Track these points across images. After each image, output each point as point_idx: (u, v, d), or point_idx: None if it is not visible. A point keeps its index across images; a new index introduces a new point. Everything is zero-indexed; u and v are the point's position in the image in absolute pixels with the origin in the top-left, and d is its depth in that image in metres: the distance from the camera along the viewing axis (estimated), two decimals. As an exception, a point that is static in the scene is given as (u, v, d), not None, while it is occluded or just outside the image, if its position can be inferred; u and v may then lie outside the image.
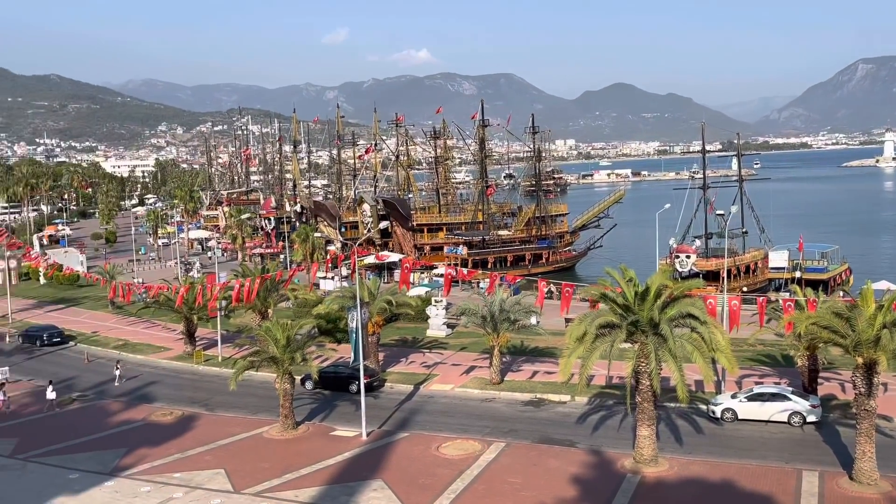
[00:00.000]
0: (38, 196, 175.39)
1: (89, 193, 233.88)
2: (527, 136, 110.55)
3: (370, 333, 47.15)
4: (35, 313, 75.90)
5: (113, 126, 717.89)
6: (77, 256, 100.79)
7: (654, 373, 30.68)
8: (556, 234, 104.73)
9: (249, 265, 76.00)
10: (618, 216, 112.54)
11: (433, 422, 39.10)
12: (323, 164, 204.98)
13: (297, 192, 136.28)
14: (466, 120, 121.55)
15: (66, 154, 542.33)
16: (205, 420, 40.80)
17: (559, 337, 49.70)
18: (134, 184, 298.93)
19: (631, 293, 32.05)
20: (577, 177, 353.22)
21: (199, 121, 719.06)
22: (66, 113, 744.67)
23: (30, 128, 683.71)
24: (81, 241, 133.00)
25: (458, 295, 71.78)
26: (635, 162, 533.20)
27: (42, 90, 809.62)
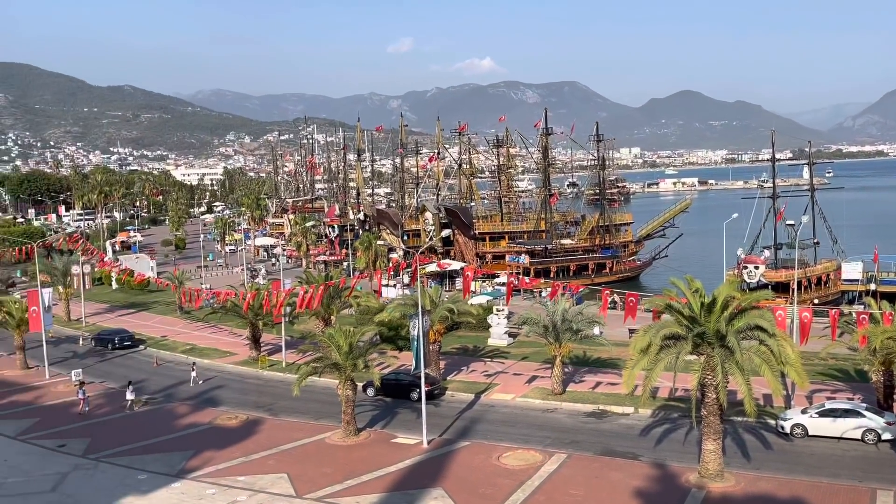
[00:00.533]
0: (111, 203, 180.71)
1: (160, 201, 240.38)
2: (591, 144, 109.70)
3: (431, 341, 47.20)
4: (107, 317, 78.23)
5: (183, 135, 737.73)
6: (148, 262, 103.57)
7: (720, 386, 29.94)
8: (620, 244, 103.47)
9: (313, 272, 77.10)
10: (684, 226, 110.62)
11: (494, 431, 38.93)
12: (386, 173, 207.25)
13: (361, 201, 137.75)
14: (529, 128, 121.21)
15: (138, 162, 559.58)
16: (269, 424, 41.39)
17: (623, 348, 48.99)
18: (203, 192, 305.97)
19: (697, 304, 31.41)
20: (641, 186, 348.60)
21: (266, 130, 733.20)
22: (138, 123, 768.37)
23: (104, 137, 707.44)
24: (152, 247, 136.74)
25: (519, 304, 71.57)
26: (702, 171, 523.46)
27: (116, 101, 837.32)
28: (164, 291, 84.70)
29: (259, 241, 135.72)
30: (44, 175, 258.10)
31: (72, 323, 75.05)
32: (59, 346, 64.54)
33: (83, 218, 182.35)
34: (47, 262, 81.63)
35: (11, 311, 56.52)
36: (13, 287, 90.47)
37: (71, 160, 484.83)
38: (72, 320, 75.97)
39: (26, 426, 41.99)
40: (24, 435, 40.47)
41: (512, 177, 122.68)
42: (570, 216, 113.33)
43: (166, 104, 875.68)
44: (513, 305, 68.94)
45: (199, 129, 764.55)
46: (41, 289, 55.53)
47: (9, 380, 53.61)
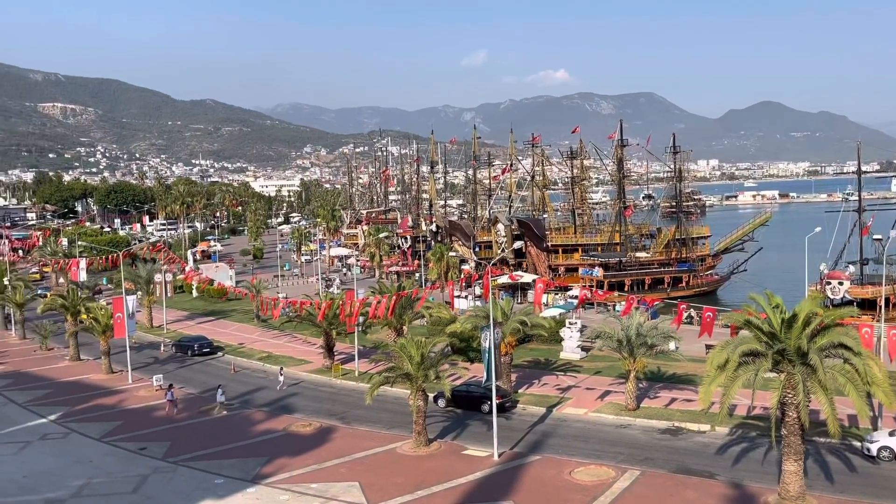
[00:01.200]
0: (192, 214, 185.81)
1: (239, 211, 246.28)
2: (667, 155, 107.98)
3: (503, 354, 47.03)
4: (187, 324, 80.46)
5: (262, 148, 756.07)
6: (227, 271, 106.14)
7: (801, 405, 29.00)
8: (697, 258, 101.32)
9: (386, 283, 77.76)
10: (763, 240, 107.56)
11: (566, 446, 38.52)
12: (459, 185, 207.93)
13: (433, 212, 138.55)
14: (604, 140, 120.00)
15: (218, 174, 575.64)
16: (341, 433, 41.87)
17: (699, 364, 47.99)
18: (280, 203, 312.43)
19: (777, 320, 30.52)
20: (719, 198, 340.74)
21: (341, 142, 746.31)
22: (219, 135, 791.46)
23: (187, 149, 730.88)
24: (231, 256, 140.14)
25: (593, 318, 70.79)
26: (783, 183, 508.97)
27: (198, 114, 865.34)
28: (243, 300, 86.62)
29: (334, 252, 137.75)
30: (129, 186, 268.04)
31: (154, 329, 77.46)
32: (142, 351, 66.65)
33: (166, 228, 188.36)
34: (132, 271, 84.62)
35: (98, 317, 58.66)
36: (99, 294, 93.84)
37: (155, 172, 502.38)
38: (154, 327, 78.40)
39: (110, 429, 43.48)
40: (108, 437, 41.92)
41: (585, 189, 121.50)
42: (646, 229, 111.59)
43: (246, 117, 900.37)
44: (586, 319, 68.23)
45: (277, 142, 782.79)
46: (125, 296, 57.49)
47: (94, 383, 55.65)
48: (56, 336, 70.51)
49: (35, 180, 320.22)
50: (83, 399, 50.65)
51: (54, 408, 48.42)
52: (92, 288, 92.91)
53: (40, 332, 69.42)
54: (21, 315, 76.10)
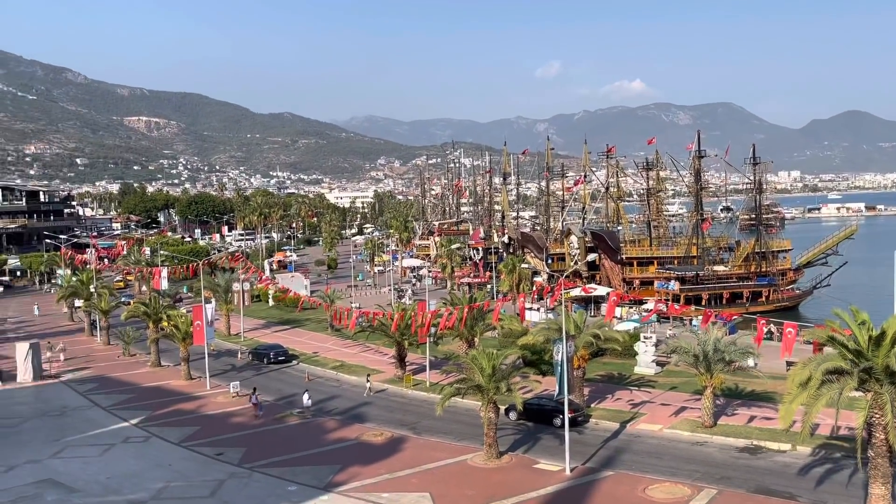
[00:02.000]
0: (269, 224, 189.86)
1: (314, 222, 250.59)
2: (746, 167, 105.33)
3: (575, 367, 46.55)
4: (263, 333, 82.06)
5: (337, 160, 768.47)
6: (302, 281, 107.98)
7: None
8: (777, 271, 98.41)
9: (458, 294, 77.84)
10: (848, 253, 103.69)
11: (640, 462, 37.79)
12: (531, 196, 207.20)
13: (506, 223, 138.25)
14: (681, 151, 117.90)
15: (295, 186, 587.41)
16: (412, 443, 42.00)
17: (779, 381, 46.57)
18: (354, 214, 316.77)
19: (864, 337, 29.36)
20: (802, 210, 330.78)
21: (414, 154, 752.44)
22: (296, 148, 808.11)
23: (265, 161, 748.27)
24: (306, 266, 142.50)
25: (668, 331, 69.44)
26: (869, 195, 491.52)
27: (276, 127, 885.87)
28: (317, 309, 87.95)
29: (406, 263, 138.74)
30: (209, 197, 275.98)
31: (231, 337, 79.26)
32: (219, 358, 68.20)
33: (244, 238, 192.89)
34: (211, 280, 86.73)
35: (178, 325, 60.34)
36: (180, 302, 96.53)
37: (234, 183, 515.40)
38: (231, 335, 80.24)
39: (189, 433, 44.60)
40: (187, 442, 42.99)
41: (662, 200, 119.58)
42: (724, 242, 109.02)
43: (322, 130, 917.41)
44: (661, 333, 66.98)
45: (351, 154, 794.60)
46: (205, 304, 59.02)
47: (174, 389, 57.23)
48: (138, 342, 72.87)
49: (120, 191, 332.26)
50: (163, 404, 52.13)
51: (136, 412, 49.97)
52: (173, 296, 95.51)
53: (123, 338, 71.87)
54: (106, 321, 78.88)
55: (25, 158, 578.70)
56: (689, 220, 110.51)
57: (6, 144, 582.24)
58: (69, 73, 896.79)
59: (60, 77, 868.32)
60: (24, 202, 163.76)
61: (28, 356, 60.78)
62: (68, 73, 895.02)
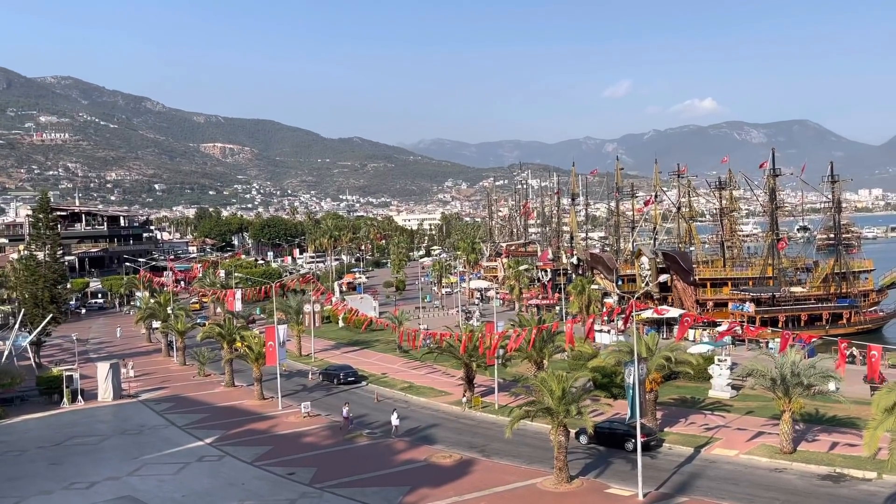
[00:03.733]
0: (339, 247, 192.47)
1: (383, 245, 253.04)
2: (824, 185, 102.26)
3: (648, 390, 45.61)
4: (333, 353, 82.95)
5: (405, 182, 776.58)
6: (371, 302, 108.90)
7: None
8: (859, 293, 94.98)
9: (526, 315, 77.35)
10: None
11: (715, 488, 36.70)
12: (600, 217, 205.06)
13: (574, 244, 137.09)
14: (754, 170, 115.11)
15: (364, 209, 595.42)
16: (481, 465, 41.70)
17: (863, 406, 44.78)
18: (422, 236, 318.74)
19: (954, 361, 28.02)
20: (884, 229, 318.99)
21: (481, 176, 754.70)
22: (365, 171, 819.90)
23: (335, 185, 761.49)
24: (375, 288, 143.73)
25: (743, 354, 67.66)
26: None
27: (346, 151, 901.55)
28: (385, 330, 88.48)
29: (473, 284, 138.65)
30: (281, 221, 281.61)
31: (302, 358, 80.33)
32: (291, 379, 69.19)
33: (315, 260, 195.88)
34: (283, 301, 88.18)
35: (251, 345, 61.48)
36: (253, 323, 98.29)
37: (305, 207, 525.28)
38: (302, 355, 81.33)
39: (261, 453, 45.23)
40: (259, 461, 43.59)
41: (735, 220, 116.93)
42: (801, 262, 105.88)
43: (390, 153, 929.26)
44: (736, 356, 65.25)
45: (419, 177, 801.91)
46: (277, 325, 59.99)
47: (247, 409, 58.20)
48: (213, 362, 74.51)
49: (196, 216, 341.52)
50: (237, 424, 53.04)
51: (210, 431, 50.95)
52: (246, 317, 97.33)
53: (199, 358, 73.62)
54: (182, 342, 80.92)
55: (107, 185, 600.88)
56: (764, 240, 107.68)
57: (89, 171, 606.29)
58: (148, 101, 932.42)
59: (140, 106, 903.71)
60: (105, 227, 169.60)
61: (108, 376, 62.72)
62: (147, 101, 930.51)
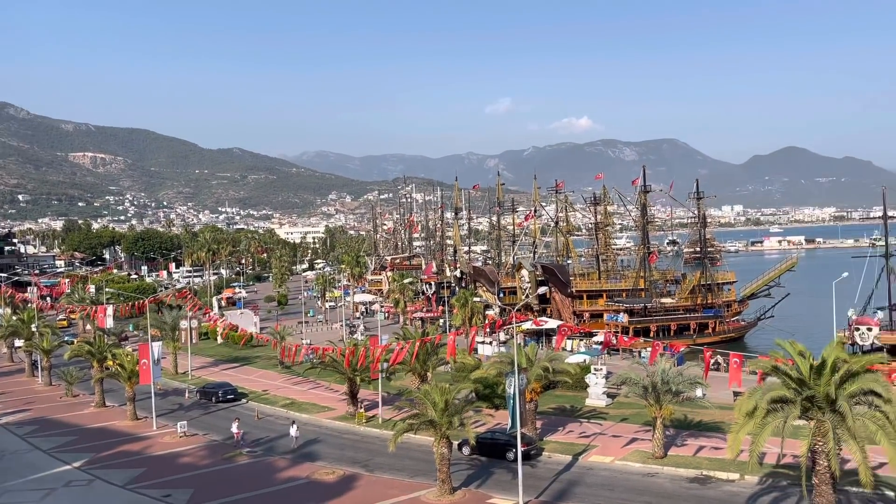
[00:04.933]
0: (218, 261, 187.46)
1: (264, 258, 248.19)
2: (690, 201, 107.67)
3: (528, 400, 46.68)
4: (212, 371, 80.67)
5: (287, 195, 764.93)
6: (251, 318, 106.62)
7: (832, 453, 28.45)
8: (723, 303, 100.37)
9: (410, 329, 77.69)
10: (790, 285, 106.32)
11: (592, 494, 37.95)
12: (483, 231, 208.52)
13: (458, 258, 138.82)
14: (627, 186, 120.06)
15: (244, 221, 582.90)
16: (364, 480, 41.55)
17: (727, 411, 47.30)
18: (305, 249, 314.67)
19: (806, 367, 30.14)
20: (745, 244, 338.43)
21: (366, 189, 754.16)
22: (245, 183, 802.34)
23: (213, 197, 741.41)
24: (256, 303, 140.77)
25: (618, 363, 70.15)
26: (809, 229, 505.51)
27: (225, 162, 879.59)
28: (266, 346, 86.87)
29: (358, 298, 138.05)
30: (156, 234, 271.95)
31: (179, 376, 77.70)
32: (167, 398, 66.84)
33: (192, 275, 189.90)
34: (158, 317, 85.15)
35: (124, 364, 58.99)
36: (125, 340, 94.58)
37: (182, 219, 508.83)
38: (179, 373, 78.66)
39: (134, 475, 43.46)
40: (132, 484, 41.87)
41: (610, 234, 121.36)
42: (670, 274, 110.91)
43: (272, 165, 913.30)
44: (611, 365, 67.64)
45: (302, 189, 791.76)
46: (151, 342, 57.92)
47: (120, 430, 55.80)
48: (82, 382, 71.00)
49: (64, 228, 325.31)
50: (108, 445, 50.77)
51: (79, 454, 48.55)
52: (118, 334, 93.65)
53: (66, 378, 69.91)
54: (48, 361, 76.79)
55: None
56: (636, 253, 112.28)
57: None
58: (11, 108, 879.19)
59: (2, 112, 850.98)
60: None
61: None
62: (10, 108, 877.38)
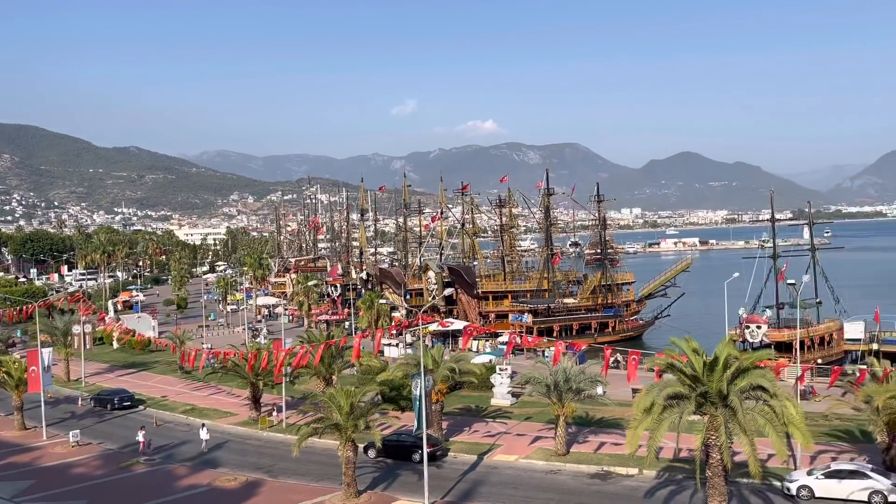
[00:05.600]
0: (114, 263, 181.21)
1: (163, 261, 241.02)
2: (591, 204, 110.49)
3: (434, 401, 46.85)
4: (107, 377, 77.76)
5: (187, 196, 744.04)
6: (149, 322, 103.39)
7: (724, 446, 29.68)
8: (622, 303, 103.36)
9: (315, 332, 76.87)
10: (685, 285, 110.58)
11: (497, 493, 38.38)
12: (389, 232, 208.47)
13: (364, 260, 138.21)
14: (531, 188, 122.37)
15: (142, 223, 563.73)
16: (268, 487, 40.83)
17: (626, 408, 48.65)
18: (206, 251, 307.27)
19: (699, 363, 31.33)
20: (643, 245, 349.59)
21: (269, 190, 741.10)
22: (143, 183, 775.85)
23: (109, 197, 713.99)
24: (154, 307, 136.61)
25: (522, 363, 71.20)
26: (702, 231, 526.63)
27: (121, 161, 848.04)
28: (165, 351, 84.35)
29: (261, 301, 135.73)
30: (47, 235, 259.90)
31: (71, 383, 74.57)
32: (58, 406, 64.04)
33: (86, 278, 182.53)
34: (48, 322, 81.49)
35: (10, 371, 56.26)
36: (13, 347, 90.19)
37: (75, 220, 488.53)
38: (71, 380, 75.48)
39: (23, 488, 41.44)
40: (20, 497, 39.92)
41: (514, 236, 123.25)
42: (573, 275, 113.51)
43: (171, 165, 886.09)
44: (516, 365, 68.61)
45: (203, 190, 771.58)
46: (41, 348, 55.41)
47: (5, 441, 53.05)
48: (-35, 392, 67.20)
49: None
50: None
51: (-38, 468, 46.00)
52: (5, 341, 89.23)
53: (-52, 387, 66.03)
54: (-73, 370, 72.28)
55: None
56: (540, 255, 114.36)
57: None
58: None
59: None
60: None
61: None
62: None
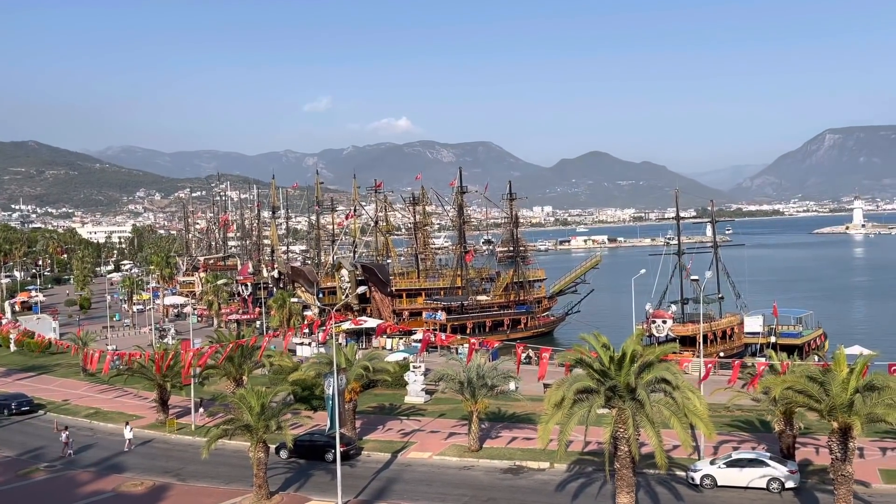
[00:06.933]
0: (11, 262, 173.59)
1: (64, 259, 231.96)
2: (504, 202, 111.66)
3: (347, 400, 46.62)
4: (3, 381, 74.32)
5: (90, 192, 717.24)
6: (49, 323, 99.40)
7: (631, 438, 30.52)
8: (534, 300, 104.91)
9: (224, 331, 75.34)
10: (595, 282, 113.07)
11: (411, 491, 38.49)
12: (302, 230, 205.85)
13: (275, 258, 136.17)
14: (445, 187, 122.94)
15: (41, 220, 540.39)
16: (177, 490, 39.86)
17: (538, 402, 49.44)
18: (110, 250, 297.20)
19: (607, 358, 32.12)
20: (554, 243, 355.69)
21: (177, 187, 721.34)
22: (43, 179, 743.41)
23: (5, 194, 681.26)
24: (55, 307, 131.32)
25: (436, 360, 71.51)
26: (611, 228, 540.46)
27: (19, 156, 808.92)
28: (67, 353, 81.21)
29: (169, 301, 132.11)
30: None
31: (-36, 388, 71.01)
32: (-50, 413, 60.90)
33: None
34: (-61, 324, 77.40)
35: None
36: None
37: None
38: (-36, 385, 71.90)
39: (-90, 500, 39.33)
40: None
41: (428, 234, 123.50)
42: (486, 273, 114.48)
43: (73, 160, 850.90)
44: (429, 362, 68.87)
45: (107, 186, 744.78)
46: (-68, 352, 52.60)
47: None
48: None
49: None
50: None
51: None
52: None
53: None
54: None
55: None
56: (453, 252, 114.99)
57: None
58: None
59: None
60: None
61: None
62: None
